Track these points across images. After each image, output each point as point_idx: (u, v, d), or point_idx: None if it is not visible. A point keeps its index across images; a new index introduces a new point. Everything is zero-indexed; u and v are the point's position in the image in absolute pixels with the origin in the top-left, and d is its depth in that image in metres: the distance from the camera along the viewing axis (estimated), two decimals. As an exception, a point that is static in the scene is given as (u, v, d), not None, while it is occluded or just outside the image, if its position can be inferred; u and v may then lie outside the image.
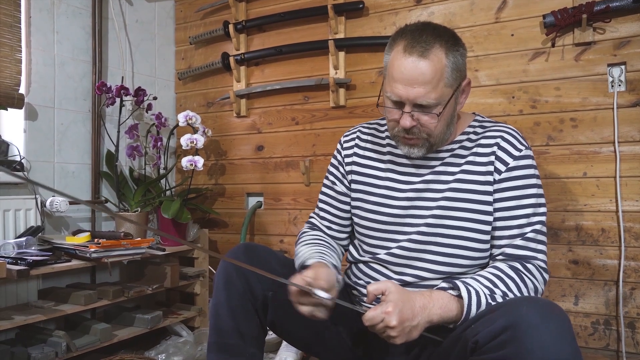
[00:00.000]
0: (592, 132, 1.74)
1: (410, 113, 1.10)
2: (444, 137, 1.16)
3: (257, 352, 1.15)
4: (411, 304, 0.97)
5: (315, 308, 1.03)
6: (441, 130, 1.13)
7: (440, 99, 1.08)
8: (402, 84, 1.08)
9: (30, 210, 1.84)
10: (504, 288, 1.03)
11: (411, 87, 1.07)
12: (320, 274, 1.05)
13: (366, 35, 2.12)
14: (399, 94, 1.09)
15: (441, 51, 1.07)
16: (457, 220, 1.13)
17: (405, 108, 1.10)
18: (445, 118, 1.12)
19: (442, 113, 1.10)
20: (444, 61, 1.07)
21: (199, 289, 2.22)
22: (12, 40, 1.84)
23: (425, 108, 1.09)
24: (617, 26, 1.70)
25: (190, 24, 2.57)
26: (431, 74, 1.06)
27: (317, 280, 1.02)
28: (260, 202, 2.37)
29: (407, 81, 1.07)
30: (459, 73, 1.11)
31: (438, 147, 1.18)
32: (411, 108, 1.09)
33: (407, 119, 1.10)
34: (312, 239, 1.28)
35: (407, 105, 1.09)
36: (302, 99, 2.27)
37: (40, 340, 1.65)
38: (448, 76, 1.08)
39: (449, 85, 1.09)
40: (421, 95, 1.07)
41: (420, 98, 1.07)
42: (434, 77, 1.06)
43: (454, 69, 1.09)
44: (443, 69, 1.07)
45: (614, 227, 1.71)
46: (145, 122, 2.32)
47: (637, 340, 1.66)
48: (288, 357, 1.79)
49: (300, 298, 1.03)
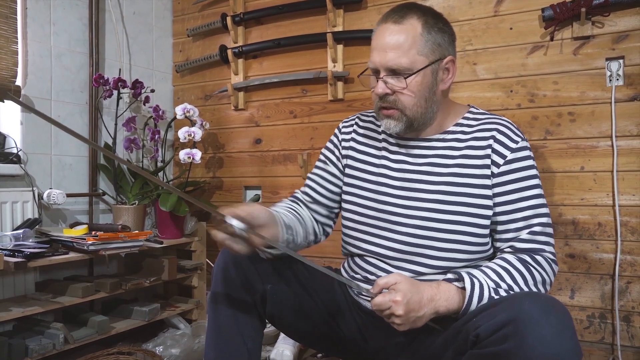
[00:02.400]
0: (590, 127, 1.74)
1: (383, 79, 1.12)
2: (423, 114, 1.15)
3: (255, 345, 1.15)
4: (420, 295, 0.98)
5: (228, 237, 0.99)
6: (416, 104, 1.13)
7: (412, 65, 1.10)
8: (377, 50, 1.13)
9: (27, 202, 1.83)
10: (510, 281, 1.03)
11: (384, 52, 1.11)
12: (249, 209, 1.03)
13: (365, 28, 2.11)
14: (374, 60, 1.13)
15: (417, 21, 1.11)
16: (453, 215, 1.12)
17: (380, 75, 1.13)
18: (418, 89, 1.12)
19: (414, 81, 1.11)
20: (418, 29, 1.11)
21: (197, 282, 2.22)
22: (8, 32, 1.82)
23: (397, 74, 1.11)
24: (616, 20, 1.70)
25: (188, 16, 2.55)
26: (403, 38, 1.10)
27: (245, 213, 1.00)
28: (258, 196, 2.37)
29: (381, 47, 1.12)
30: (438, 47, 1.13)
31: (419, 126, 1.17)
32: (385, 74, 1.12)
33: (380, 85, 1.13)
34: (282, 206, 1.28)
35: (382, 71, 1.12)
36: (300, 92, 2.26)
37: (38, 332, 1.66)
38: (422, 45, 1.11)
39: (422, 54, 1.11)
40: (392, 59, 1.10)
41: (391, 61, 1.10)
42: (405, 42, 1.10)
43: (431, 41, 1.12)
44: (416, 36, 1.10)
45: (610, 221, 1.71)
46: (142, 114, 2.31)
47: (632, 333, 1.67)
48: (286, 349, 1.80)
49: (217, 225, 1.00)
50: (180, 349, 1.83)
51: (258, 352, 1.16)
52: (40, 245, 1.63)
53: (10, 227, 1.77)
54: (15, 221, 1.79)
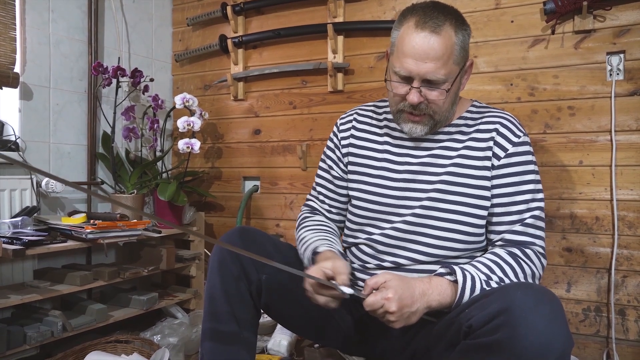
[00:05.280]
0: (589, 121, 1.74)
1: (419, 89, 1.10)
2: (447, 116, 1.18)
3: (251, 335, 1.15)
4: (411, 291, 0.99)
5: (330, 299, 1.04)
6: (447, 109, 1.15)
7: (449, 76, 1.10)
8: (413, 58, 1.08)
9: (25, 190, 1.83)
10: (501, 274, 1.04)
11: (422, 62, 1.08)
12: (340, 267, 1.06)
13: (365, 19, 2.10)
14: (409, 68, 1.09)
15: (451, 28, 1.09)
16: (452, 204, 1.14)
17: (414, 83, 1.10)
18: (451, 96, 1.14)
19: (450, 90, 1.11)
20: (453, 38, 1.09)
21: (195, 272, 2.23)
22: (6, 18, 1.81)
23: (433, 84, 1.10)
24: (618, 14, 1.69)
25: (188, 5, 2.53)
26: (442, 49, 1.07)
27: (338, 274, 1.04)
28: (256, 186, 2.37)
29: (419, 56, 1.08)
30: (465, 52, 1.12)
31: (440, 127, 1.19)
32: (420, 83, 1.10)
33: (415, 95, 1.11)
34: (316, 225, 1.28)
35: (416, 80, 1.10)
36: (300, 83, 2.26)
37: (36, 319, 1.66)
38: (457, 54, 1.10)
39: (456, 63, 1.11)
40: (432, 70, 1.08)
41: (430, 73, 1.08)
42: (445, 53, 1.08)
43: (462, 47, 1.11)
44: (453, 46, 1.09)
45: (608, 216, 1.72)
46: (141, 104, 2.30)
47: (626, 326, 1.69)
48: (282, 339, 1.81)
49: (319, 289, 1.04)
50: (177, 337, 1.84)
51: (254, 342, 1.17)
52: (38, 233, 1.63)
53: (9, 215, 1.77)
54: (14, 209, 1.79)
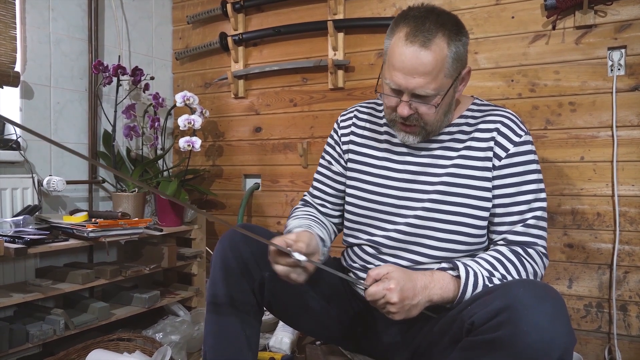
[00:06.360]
0: (591, 116, 1.74)
1: (409, 102, 1.09)
2: (441, 126, 1.16)
3: (253, 332, 1.15)
4: (413, 283, 0.99)
5: (291, 269, 1.02)
6: (438, 119, 1.13)
7: (439, 90, 1.07)
8: (402, 72, 1.06)
9: (27, 189, 1.84)
10: (503, 271, 1.04)
11: (411, 77, 1.05)
12: (302, 237, 1.05)
13: (366, 16, 2.10)
14: (398, 82, 1.07)
15: (443, 41, 1.05)
16: (454, 206, 1.13)
17: (403, 97, 1.09)
18: (443, 108, 1.11)
19: (441, 104, 1.09)
20: (445, 51, 1.05)
21: (197, 270, 2.23)
22: (7, 17, 1.81)
23: (423, 98, 1.08)
24: (619, 9, 1.68)
25: (188, 3, 2.53)
26: (432, 64, 1.04)
27: (297, 242, 1.02)
28: (257, 184, 2.37)
29: (407, 71, 1.05)
30: (459, 63, 1.09)
31: (434, 135, 1.18)
32: (409, 97, 1.08)
33: (404, 108, 1.09)
34: (303, 214, 1.29)
35: (406, 94, 1.08)
36: (300, 80, 2.26)
37: (39, 317, 1.67)
38: (449, 67, 1.06)
39: (448, 75, 1.07)
40: (420, 85, 1.05)
41: (419, 88, 1.06)
42: (435, 68, 1.04)
43: (455, 59, 1.07)
44: (444, 60, 1.05)
45: (609, 212, 1.72)
46: (142, 102, 2.30)
47: (628, 322, 1.69)
48: (284, 337, 1.81)
49: (277, 258, 1.02)
50: (179, 335, 1.84)
51: (257, 339, 1.17)
52: (40, 232, 1.63)
53: (10, 214, 1.77)
54: (15, 208, 1.79)
